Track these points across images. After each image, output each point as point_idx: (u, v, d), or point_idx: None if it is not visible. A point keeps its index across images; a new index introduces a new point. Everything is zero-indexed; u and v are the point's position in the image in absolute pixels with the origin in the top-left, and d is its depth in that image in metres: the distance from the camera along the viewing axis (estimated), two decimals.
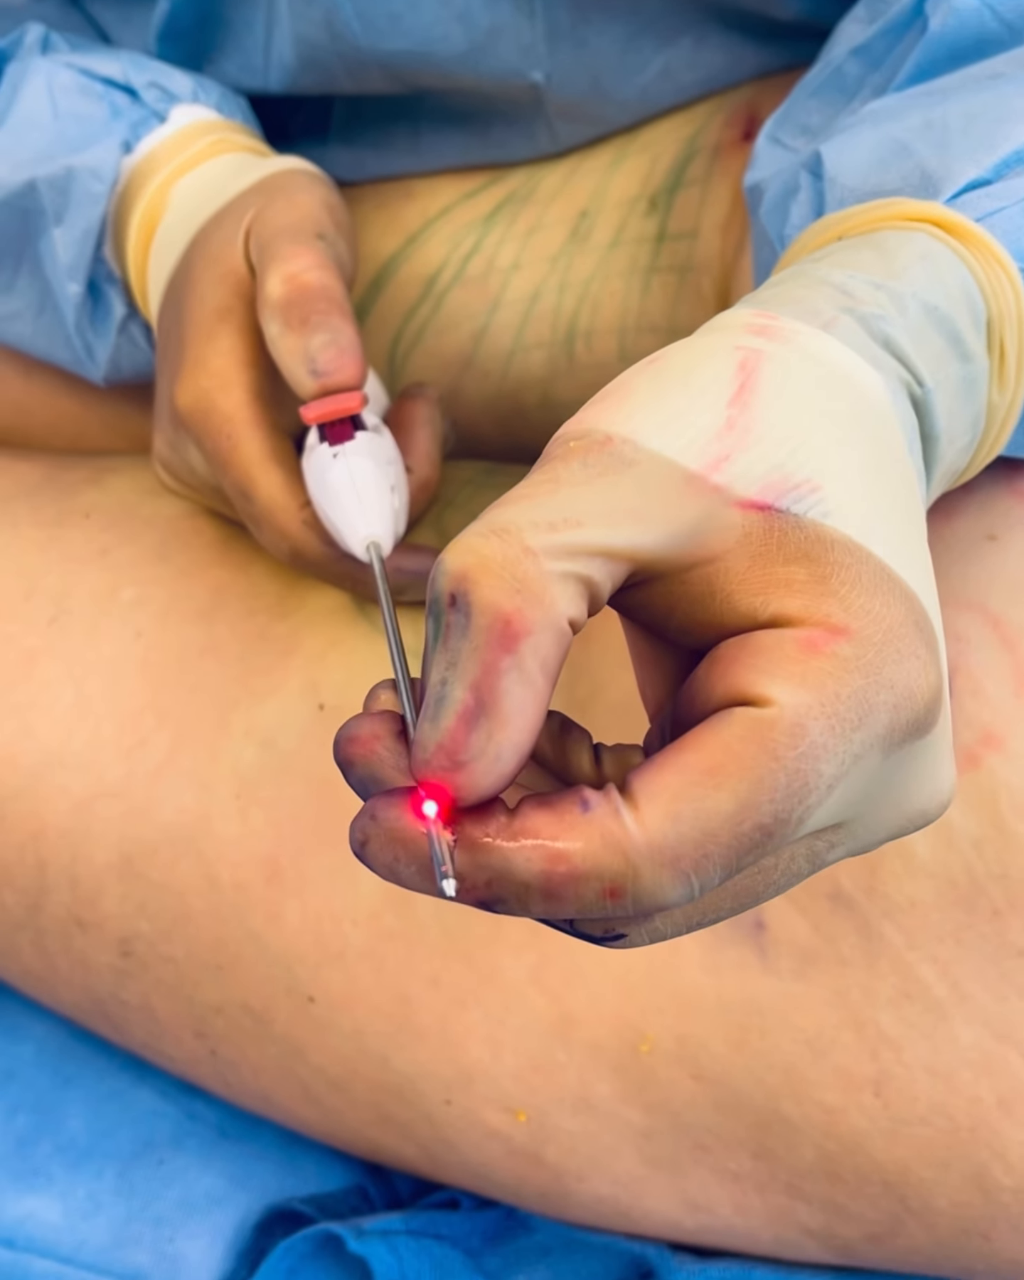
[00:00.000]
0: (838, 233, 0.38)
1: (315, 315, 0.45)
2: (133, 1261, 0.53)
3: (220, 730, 0.49)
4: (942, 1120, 0.42)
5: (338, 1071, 0.48)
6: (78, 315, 0.54)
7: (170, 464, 0.50)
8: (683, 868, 0.26)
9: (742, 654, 0.28)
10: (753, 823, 0.27)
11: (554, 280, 0.58)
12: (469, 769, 0.27)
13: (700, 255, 0.57)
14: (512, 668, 0.26)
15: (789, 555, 0.29)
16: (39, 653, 0.51)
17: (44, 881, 0.51)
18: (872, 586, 0.29)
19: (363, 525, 0.44)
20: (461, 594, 0.27)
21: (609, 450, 0.29)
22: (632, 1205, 0.47)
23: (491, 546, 0.27)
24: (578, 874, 0.26)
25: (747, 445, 0.29)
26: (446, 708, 0.27)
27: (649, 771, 0.27)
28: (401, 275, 0.60)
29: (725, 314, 0.33)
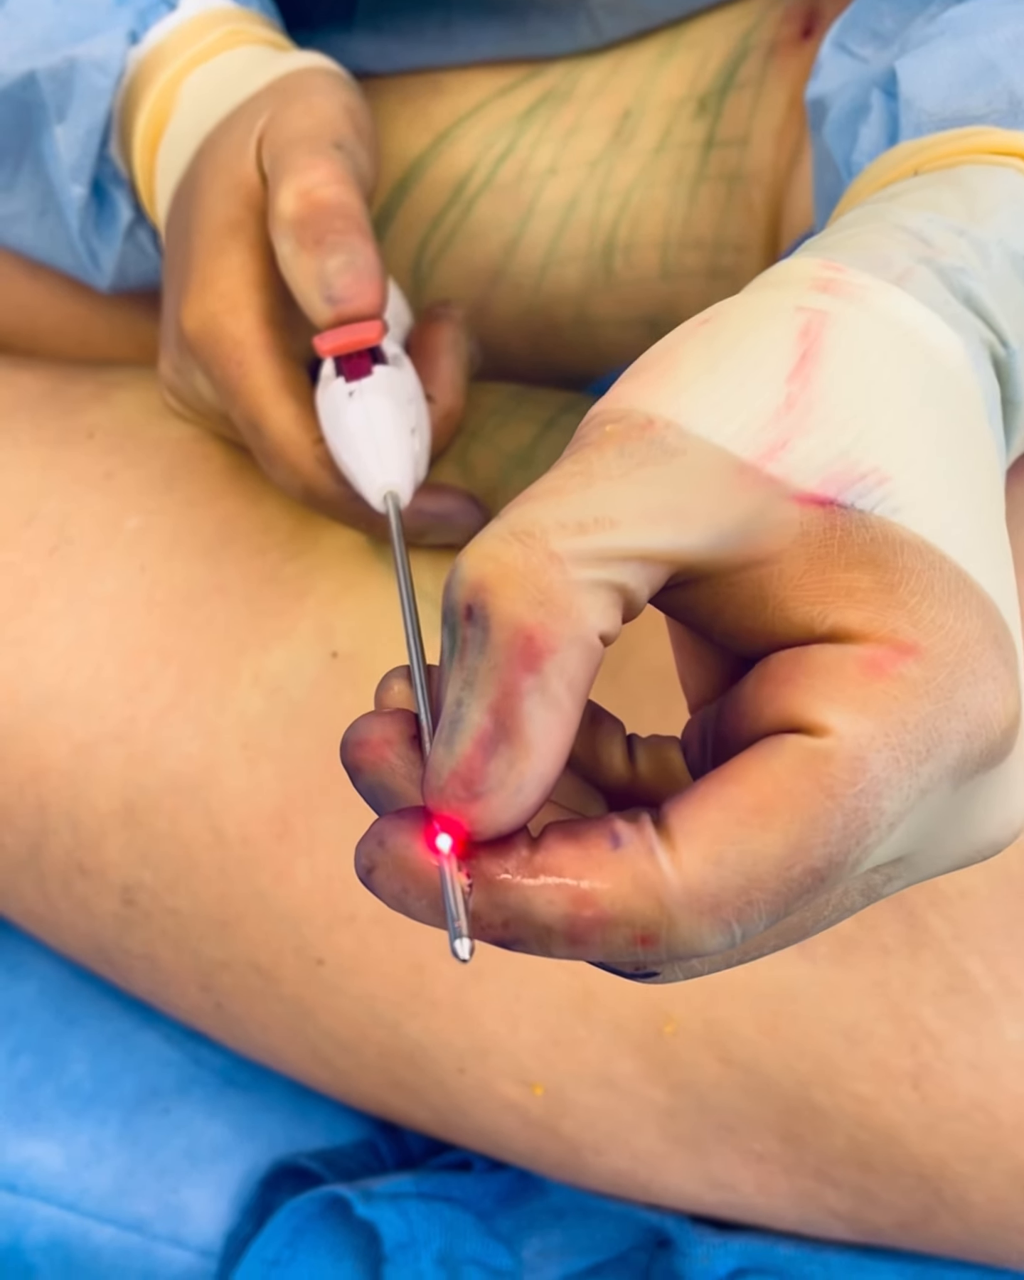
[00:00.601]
0: (914, 165, 0.34)
1: (332, 235, 0.41)
2: (136, 1211, 0.52)
3: (228, 676, 0.46)
4: (982, 1116, 0.40)
5: (347, 1035, 0.46)
6: (81, 219, 0.50)
7: (177, 389, 0.47)
8: (724, 916, 0.23)
9: (796, 673, 0.25)
10: (804, 867, 0.23)
11: (593, 187, 0.54)
12: (486, 801, 0.24)
13: (752, 164, 0.52)
14: (534, 689, 0.23)
15: (852, 559, 0.25)
16: (39, 583, 0.48)
17: (44, 823, 0.48)
18: (945, 596, 0.25)
19: (380, 473, 0.40)
20: (479, 606, 0.24)
21: (650, 437, 0.25)
22: (651, 1180, 0.45)
23: (512, 553, 0.24)
24: (606, 919, 0.23)
25: (808, 428, 0.26)
26: (462, 732, 0.24)
27: (689, 805, 0.24)
28: (429, 178, 0.55)
29: (788, 263, 0.29)
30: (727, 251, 0.53)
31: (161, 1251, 0.52)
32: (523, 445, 0.49)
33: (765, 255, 0.53)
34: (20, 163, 0.52)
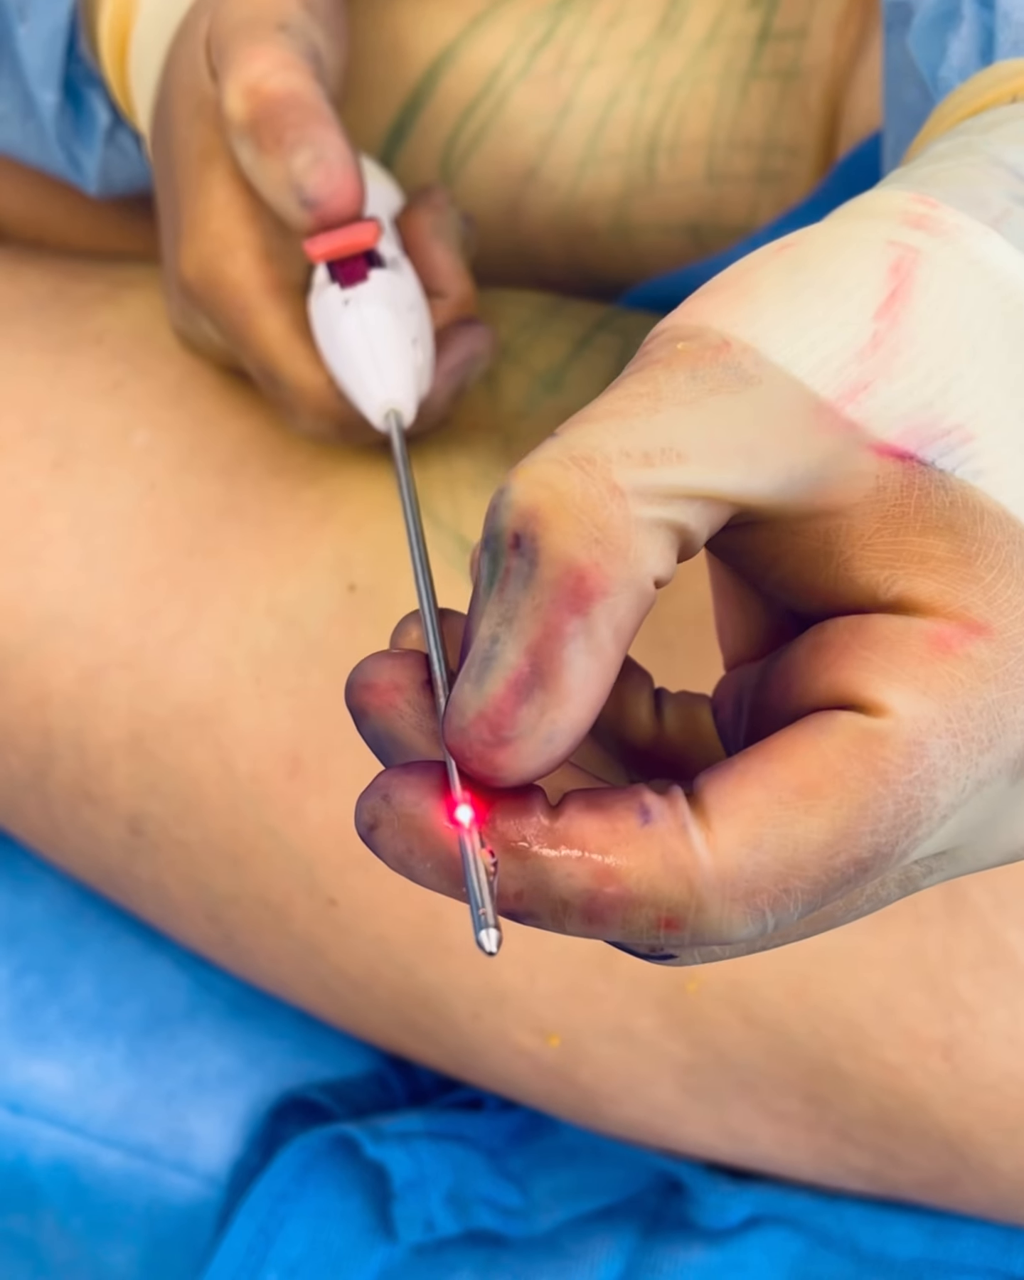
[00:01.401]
0: (1012, 90, 0.31)
1: (289, 130, 0.37)
2: (142, 1137, 0.51)
3: (241, 605, 0.44)
4: (1014, 1089, 0.39)
5: (359, 974, 0.45)
6: (58, 125, 0.47)
7: (187, 334, 0.44)
8: (758, 904, 0.22)
9: (855, 643, 0.23)
10: (849, 856, 0.22)
11: (636, 81, 0.50)
12: (513, 747, 0.22)
13: (809, 59, 0.49)
14: (580, 633, 0.21)
15: (928, 522, 0.23)
16: (43, 499, 0.46)
17: (50, 749, 0.47)
18: (1020, 571, 0.23)
19: (380, 389, 0.37)
20: (528, 536, 0.21)
21: (725, 361, 0.23)
22: (667, 1129, 0.45)
23: (572, 480, 0.21)
24: (629, 899, 0.22)
25: (893, 372, 0.23)
26: (495, 670, 0.22)
27: (726, 782, 0.22)
28: (461, 65, 0.52)
29: (877, 194, 0.26)
30: (778, 154, 0.50)
31: (168, 1178, 0.51)
32: (554, 365, 0.46)
33: (820, 159, 0.50)
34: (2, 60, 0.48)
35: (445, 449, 0.44)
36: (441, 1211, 0.48)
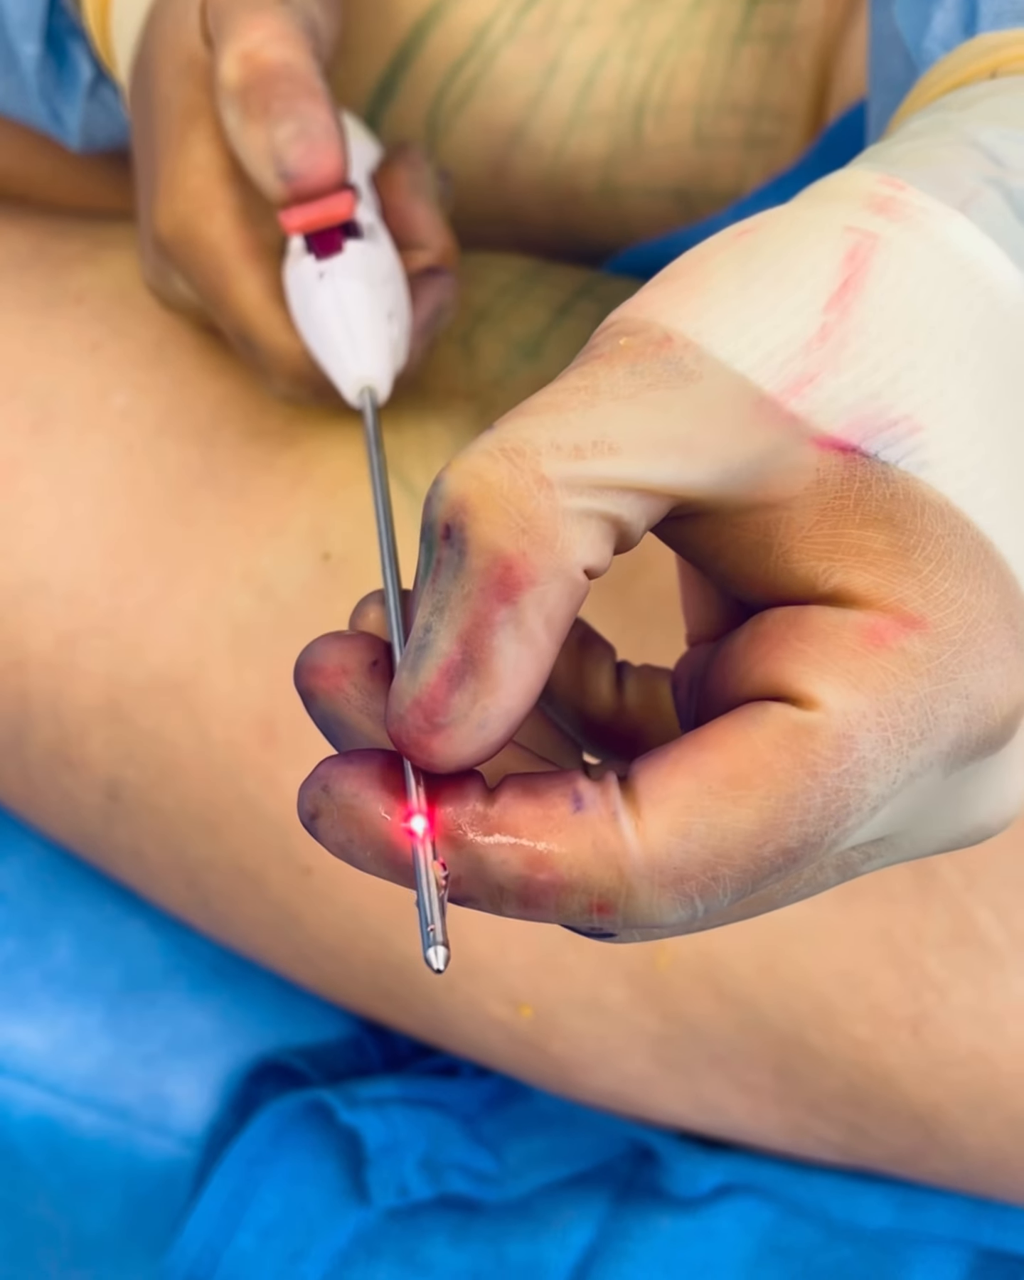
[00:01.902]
0: (992, 64, 0.30)
1: (278, 101, 0.37)
2: (120, 1099, 0.51)
3: (216, 572, 0.44)
4: (982, 1065, 0.39)
5: (335, 942, 0.45)
6: (40, 79, 0.46)
7: (161, 292, 0.44)
8: (686, 890, 0.22)
9: (790, 635, 0.23)
10: (776, 845, 0.22)
11: (624, 42, 0.49)
12: (447, 733, 0.22)
13: (800, 22, 0.48)
14: (508, 621, 0.22)
15: (868, 515, 0.23)
16: (22, 462, 0.46)
17: (27, 713, 0.47)
18: (963, 567, 0.23)
19: (354, 364, 0.37)
20: (457, 527, 0.22)
21: (666, 356, 0.23)
22: (639, 1100, 0.45)
23: (499, 471, 0.22)
24: (561, 884, 0.22)
25: (840, 364, 0.23)
26: (428, 659, 0.22)
27: (658, 770, 0.22)
28: (450, 22, 0.51)
29: (845, 173, 0.26)
30: (767, 118, 0.49)
31: (144, 1139, 0.51)
32: (533, 332, 0.45)
33: (809, 123, 0.49)
34: None
35: (421, 416, 0.44)
36: (415, 1176, 0.48)
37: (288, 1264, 0.48)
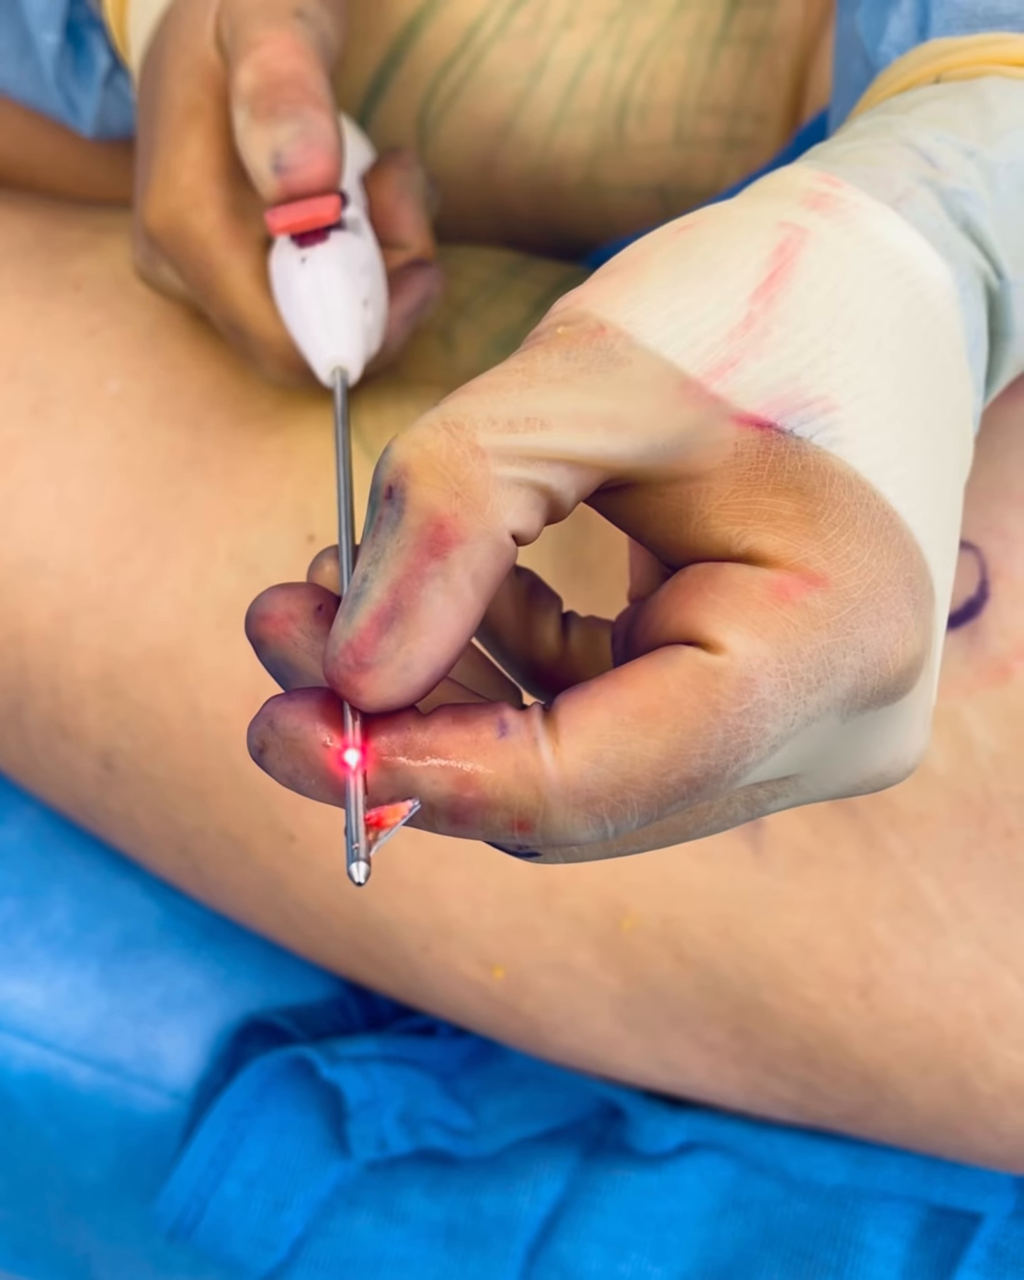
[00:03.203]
0: (936, 70, 0.32)
1: (284, 104, 0.39)
2: (113, 1054, 0.54)
3: (205, 552, 0.46)
4: (927, 1028, 0.41)
5: (317, 907, 0.47)
6: (57, 66, 0.48)
7: (150, 278, 0.45)
8: (597, 810, 0.24)
9: (704, 587, 0.25)
10: (680, 775, 0.24)
11: (609, 43, 0.51)
12: (374, 674, 0.24)
13: (778, 25, 0.50)
14: (437, 574, 0.24)
15: (779, 484, 0.25)
16: (20, 444, 0.48)
17: (26, 684, 0.49)
18: (865, 533, 0.25)
19: (329, 345, 0.39)
20: (399, 488, 0.24)
21: (598, 344, 0.25)
22: (606, 1058, 0.47)
23: (438, 441, 0.24)
24: (486, 802, 0.24)
25: (762, 350, 0.25)
26: (362, 605, 0.24)
27: (577, 703, 0.24)
28: (440, 21, 0.53)
29: (787, 170, 0.28)
30: (745, 119, 0.51)
31: (137, 1093, 0.53)
32: (510, 326, 0.47)
33: (786, 125, 0.51)
34: None
35: (401, 404, 0.46)
36: (394, 1131, 0.50)
37: (271, 1212, 0.50)
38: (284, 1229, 0.50)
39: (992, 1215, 0.47)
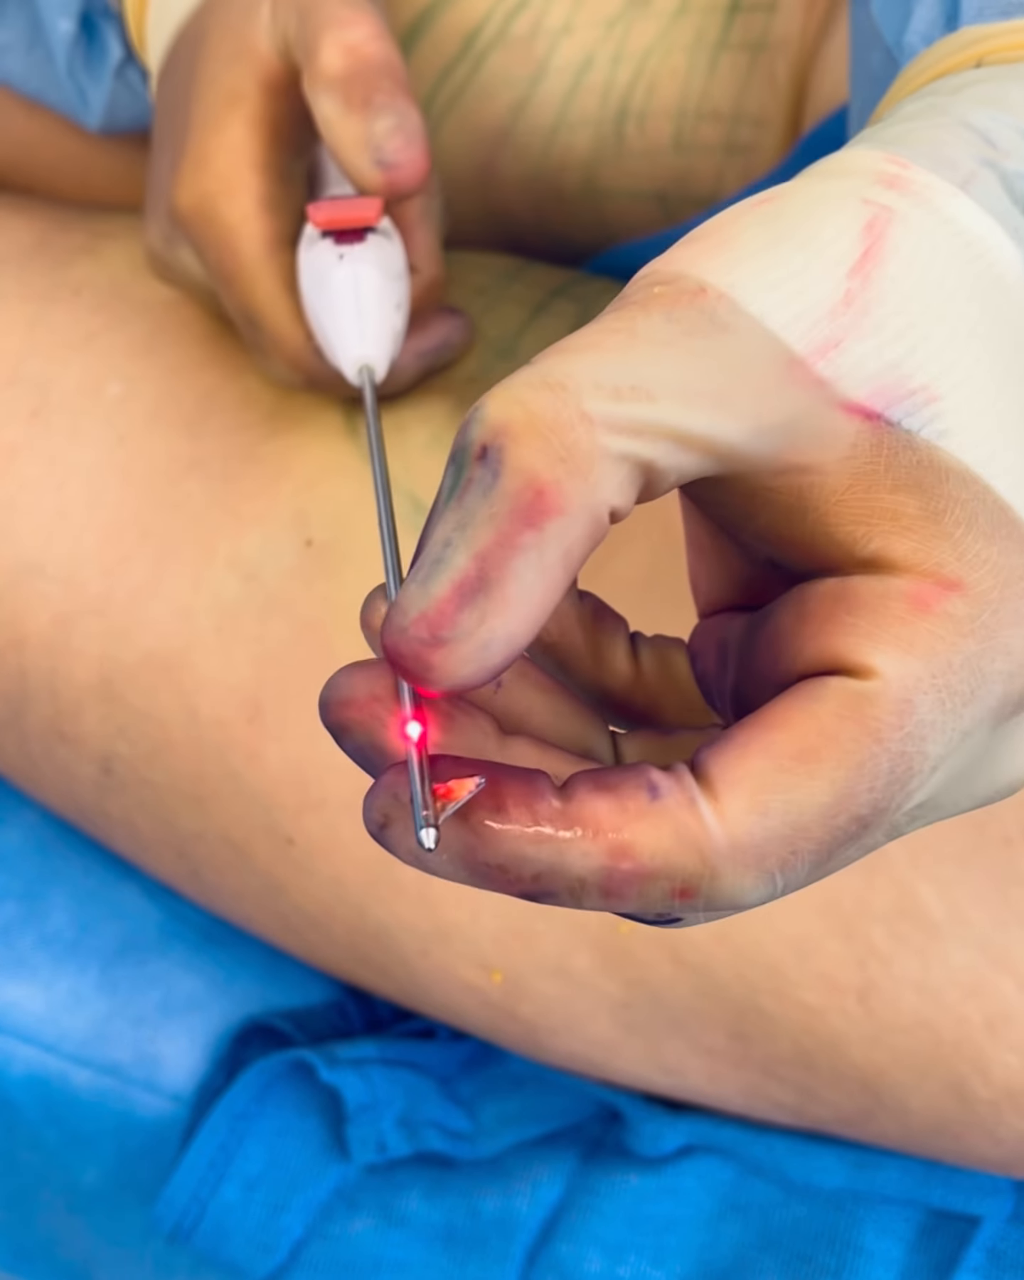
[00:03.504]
0: (977, 55, 0.31)
1: (381, 95, 0.39)
2: (113, 1057, 0.54)
3: (203, 556, 0.46)
4: (925, 1033, 0.41)
5: (316, 911, 0.47)
6: (69, 55, 0.48)
7: (162, 258, 0.45)
8: (768, 868, 0.23)
9: (838, 610, 0.23)
10: (850, 814, 0.23)
11: (608, 49, 0.51)
12: (449, 649, 0.22)
13: (778, 32, 0.50)
14: (531, 547, 0.22)
15: (898, 481, 0.24)
16: (20, 448, 0.48)
17: (26, 689, 0.49)
18: (990, 530, 0.24)
19: (358, 344, 0.39)
20: (496, 448, 0.22)
21: (701, 305, 0.23)
22: (604, 1063, 0.47)
23: (543, 401, 0.22)
24: (645, 872, 0.22)
25: (864, 331, 0.24)
26: (443, 572, 0.22)
27: (727, 755, 0.23)
28: (440, 27, 0.53)
29: (849, 153, 0.27)
30: (745, 125, 0.51)
31: (136, 1096, 0.54)
32: (508, 332, 0.47)
33: (786, 132, 0.51)
34: None
35: (397, 412, 0.46)
36: (393, 1134, 0.50)
37: (271, 1215, 0.50)
38: (283, 1232, 0.50)
39: (990, 1218, 0.47)
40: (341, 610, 0.44)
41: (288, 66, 0.41)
